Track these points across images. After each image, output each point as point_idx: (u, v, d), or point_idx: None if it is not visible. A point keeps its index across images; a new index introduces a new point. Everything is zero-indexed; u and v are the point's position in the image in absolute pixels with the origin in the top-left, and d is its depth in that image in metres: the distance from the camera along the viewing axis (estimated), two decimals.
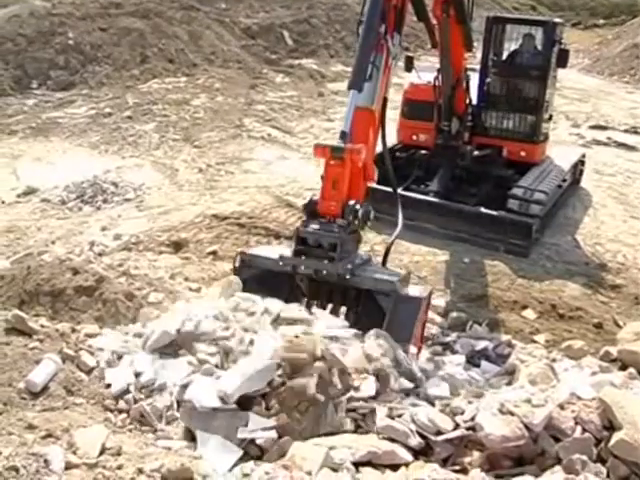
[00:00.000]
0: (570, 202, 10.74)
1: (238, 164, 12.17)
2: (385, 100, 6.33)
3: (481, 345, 6.64)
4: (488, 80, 10.07)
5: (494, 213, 9.02)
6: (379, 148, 6.78)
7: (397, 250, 8.65)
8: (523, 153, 10.01)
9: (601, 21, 33.90)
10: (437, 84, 9.61)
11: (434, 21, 8.35)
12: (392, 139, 10.56)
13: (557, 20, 10.37)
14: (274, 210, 9.96)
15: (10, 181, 10.45)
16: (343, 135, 5.88)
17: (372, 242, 8.81)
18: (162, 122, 14.09)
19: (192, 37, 19.72)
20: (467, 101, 9.97)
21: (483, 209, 9.12)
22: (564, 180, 10.41)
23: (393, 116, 10.44)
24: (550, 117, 10.61)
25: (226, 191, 10.65)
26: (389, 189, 9.63)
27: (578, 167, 11.47)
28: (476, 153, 9.97)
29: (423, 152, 10.35)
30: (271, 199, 10.35)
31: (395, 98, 9.86)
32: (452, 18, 8.43)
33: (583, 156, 11.77)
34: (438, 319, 7.20)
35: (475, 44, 9.74)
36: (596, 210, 10.60)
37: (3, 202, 9.53)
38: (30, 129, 13.33)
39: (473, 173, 10.00)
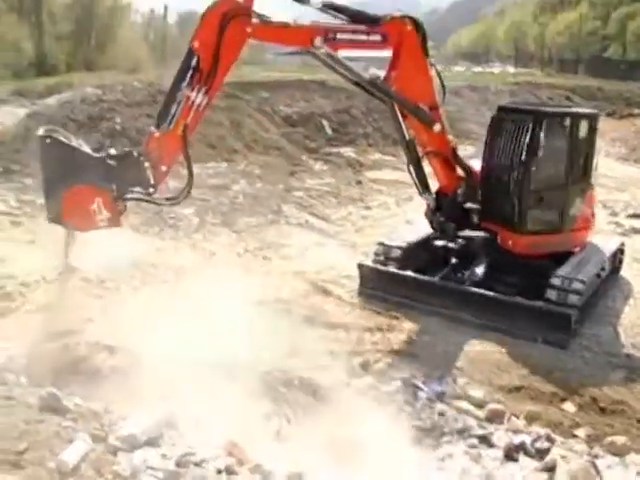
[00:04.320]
0: (610, 291, 10.57)
1: (276, 250, 12.31)
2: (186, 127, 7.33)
3: (519, 439, 6.45)
4: (484, 164, 10.05)
5: (532, 303, 8.89)
6: None
7: (430, 342, 8.58)
8: (510, 242, 9.79)
9: (636, 110, 34.50)
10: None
11: None
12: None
13: (545, 109, 10.50)
14: (310, 296, 10.00)
15: (53, 259, 10.65)
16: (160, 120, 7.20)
17: (408, 330, 8.76)
18: (202, 206, 14.37)
19: (233, 124, 20.34)
20: (455, 182, 9.95)
21: (520, 299, 9.01)
22: (603, 269, 10.27)
23: None
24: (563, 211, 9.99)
25: (263, 276, 10.72)
26: (424, 277, 9.68)
27: (617, 256, 11.33)
28: (464, 233, 9.91)
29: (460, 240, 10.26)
30: (307, 285, 10.39)
31: None
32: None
33: (622, 245, 11.65)
34: (475, 411, 7.03)
35: None
36: (636, 300, 10.39)
37: (44, 279, 9.71)
38: None
39: (510, 261, 9.90)
